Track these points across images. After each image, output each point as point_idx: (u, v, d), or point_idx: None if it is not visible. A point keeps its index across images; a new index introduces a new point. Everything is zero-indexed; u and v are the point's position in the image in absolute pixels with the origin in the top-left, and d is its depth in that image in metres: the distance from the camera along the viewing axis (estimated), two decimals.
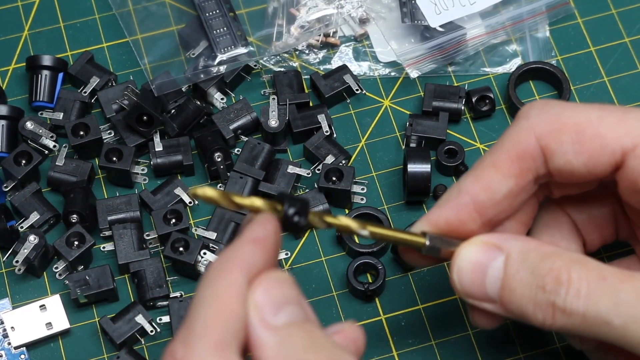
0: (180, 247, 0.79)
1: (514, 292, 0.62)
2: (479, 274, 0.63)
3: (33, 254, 0.78)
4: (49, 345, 0.79)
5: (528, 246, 0.62)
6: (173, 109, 0.85)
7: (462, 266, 0.64)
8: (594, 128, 0.63)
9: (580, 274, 0.60)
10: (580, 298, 0.60)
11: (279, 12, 0.89)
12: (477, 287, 0.63)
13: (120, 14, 0.90)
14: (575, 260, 0.61)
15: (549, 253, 0.62)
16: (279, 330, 0.55)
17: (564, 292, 0.60)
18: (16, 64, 0.89)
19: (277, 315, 0.56)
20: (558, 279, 0.60)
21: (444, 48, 0.87)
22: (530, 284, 0.61)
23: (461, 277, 0.64)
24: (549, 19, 0.89)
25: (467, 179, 0.65)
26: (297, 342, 0.55)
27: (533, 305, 0.61)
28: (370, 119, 0.86)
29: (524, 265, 0.62)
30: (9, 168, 0.81)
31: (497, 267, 0.62)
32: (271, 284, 0.57)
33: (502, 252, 0.62)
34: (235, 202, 0.58)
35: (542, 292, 0.61)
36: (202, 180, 0.84)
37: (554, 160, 0.64)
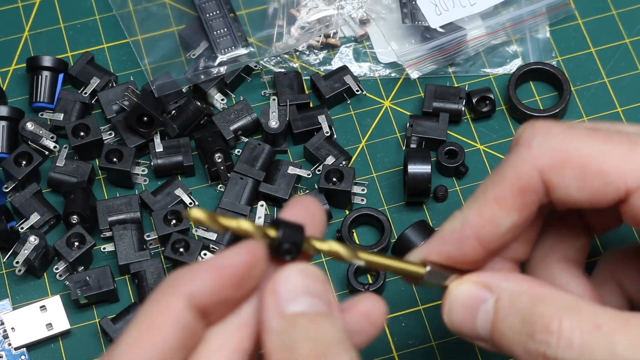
0: (180, 248, 0.79)
1: (504, 337, 0.60)
2: (470, 314, 0.61)
3: (33, 254, 0.78)
4: (49, 346, 0.79)
5: (519, 288, 0.60)
6: (173, 110, 0.85)
7: (453, 305, 0.62)
8: (598, 164, 0.61)
9: (572, 323, 0.58)
10: (574, 349, 0.57)
11: (280, 13, 0.89)
12: (468, 327, 0.62)
13: (120, 14, 0.90)
14: (567, 306, 0.58)
15: (540, 297, 0.59)
16: (287, 319, 0.55)
17: (555, 342, 0.58)
18: (16, 65, 0.89)
19: (291, 303, 0.55)
20: (548, 328, 0.58)
21: (445, 49, 0.87)
22: (520, 331, 0.59)
23: (452, 316, 0.62)
24: (550, 20, 0.89)
25: (470, 212, 0.63)
26: (299, 332, 0.54)
27: (523, 352, 0.59)
28: (370, 119, 0.86)
29: (513, 309, 0.59)
30: (9, 169, 0.81)
31: (487, 310, 0.61)
32: (294, 273, 0.56)
33: (492, 294, 0.60)
34: (221, 224, 0.55)
35: (532, 341, 0.58)
36: (203, 181, 0.84)
37: (556, 193, 0.62)
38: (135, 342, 0.55)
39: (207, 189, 0.84)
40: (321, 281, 0.56)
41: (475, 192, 0.64)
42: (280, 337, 0.54)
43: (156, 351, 0.54)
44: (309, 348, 0.54)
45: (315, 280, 0.56)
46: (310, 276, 0.56)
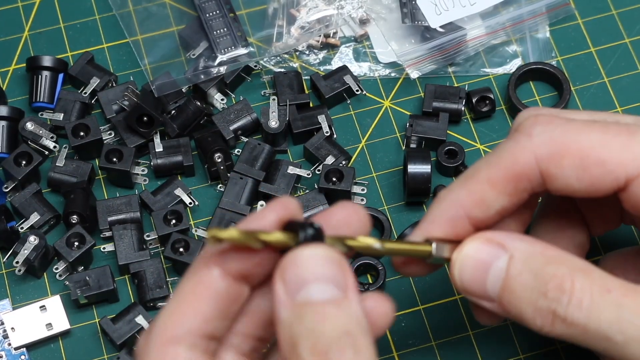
0: (180, 248, 0.79)
1: (514, 294, 0.60)
2: (481, 271, 0.61)
3: (33, 254, 0.78)
4: (49, 346, 0.79)
5: (533, 248, 0.61)
6: (173, 110, 0.85)
7: (464, 262, 0.62)
8: (597, 154, 0.61)
9: (583, 284, 0.59)
10: (582, 309, 0.58)
11: (279, 12, 0.89)
12: (478, 285, 0.62)
13: (120, 14, 0.90)
14: (579, 268, 0.59)
15: (553, 257, 0.60)
16: (295, 308, 0.54)
17: (566, 301, 0.59)
18: (16, 65, 0.89)
19: (299, 292, 0.54)
20: (561, 287, 0.59)
21: (444, 49, 0.87)
22: (532, 288, 0.60)
23: (462, 274, 0.62)
24: (549, 20, 0.89)
25: (461, 191, 0.63)
26: (303, 325, 0.53)
27: (533, 310, 0.60)
28: (370, 119, 0.86)
29: (527, 267, 0.60)
30: (9, 169, 0.81)
31: (500, 267, 0.61)
32: (307, 258, 0.55)
33: (506, 252, 0.61)
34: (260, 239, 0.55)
35: (544, 298, 0.59)
36: (203, 181, 0.84)
37: (554, 183, 0.62)
38: (174, 315, 0.55)
39: (207, 189, 0.84)
40: (334, 263, 0.55)
41: (465, 172, 0.64)
42: (287, 329, 0.54)
43: (196, 321, 0.55)
44: (311, 344, 0.53)
45: (327, 263, 0.55)
46: (321, 259, 0.55)
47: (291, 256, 0.55)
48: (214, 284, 0.56)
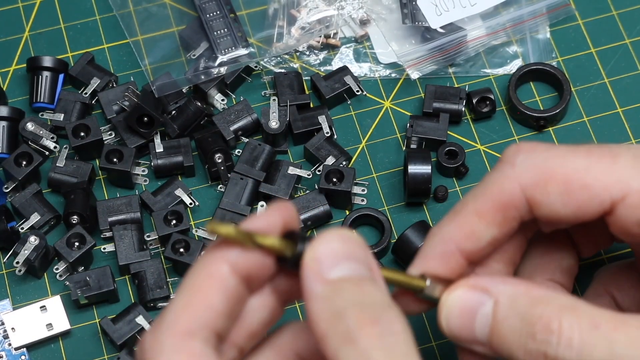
0: (180, 248, 0.79)
1: (503, 339, 0.60)
2: (468, 319, 0.61)
3: (33, 255, 0.78)
4: (49, 346, 0.79)
5: (517, 290, 0.60)
6: (173, 110, 0.85)
7: (450, 311, 0.62)
8: (581, 179, 0.61)
9: (571, 322, 0.58)
10: (573, 348, 0.58)
11: (280, 13, 0.89)
12: (466, 332, 0.61)
13: (120, 15, 0.90)
14: (566, 306, 0.59)
15: (538, 298, 0.59)
16: (331, 284, 0.54)
17: (555, 341, 0.58)
18: (17, 65, 0.89)
19: (333, 268, 0.55)
20: (548, 328, 0.58)
21: (445, 49, 0.87)
22: (520, 331, 0.59)
23: (449, 322, 0.62)
24: (550, 20, 0.89)
25: (450, 225, 0.63)
26: (346, 297, 0.54)
27: (524, 353, 0.59)
28: (370, 120, 0.86)
29: (513, 311, 0.59)
30: (9, 169, 0.81)
31: (486, 313, 0.60)
32: (334, 238, 0.55)
33: (491, 297, 0.60)
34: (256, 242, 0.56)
35: (533, 340, 0.58)
36: (203, 182, 0.84)
37: (540, 210, 0.62)
38: (187, 308, 0.55)
39: (207, 189, 0.84)
40: (361, 246, 0.56)
41: (453, 207, 0.64)
42: (326, 303, 0.54)
43: (209, 316, 0.55)
44: (359, 313, 0.53)
45: (356, 245, 0.56)
46: (351, 241, 0.56)
47: (323, 237, 0.55)
48: (224, 280, 0.56)
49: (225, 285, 0.56)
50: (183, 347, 0.54)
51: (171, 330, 0.55)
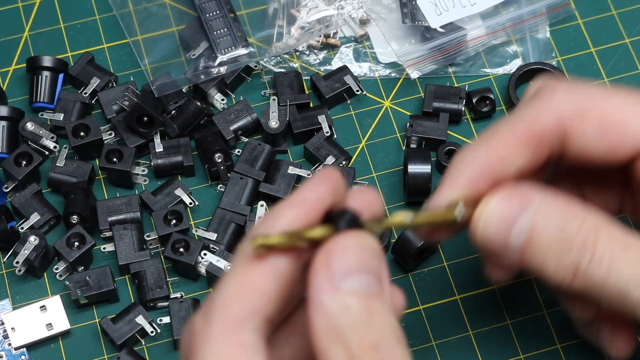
0: (180, 248, 0.79)
1: (539, 249, 0.60)
2: (506, 226, 0.61)
3: (33, 254, 0.78)
4: (49, 346, 0.79)
5: (557, 202, 0.61)
6: (173, 110, 0.85)
7: (490, 215, 0.61)
8: (618, 117, 0.62)
9: (605, 240, 0.59)
10: (603, 265, 0.59)
11: (280, 13, 0.89)
12: (501, 239, 0.61)
13: (120, 14, 0.90)
14: (602, 225, 0.60)
15: (577, 213, 0.60)
16: (340, 296, 0.52)
17: (589, 256, 0.59)
18: (17, 65, 0.89)
19: (344, 280, 0.52)
20: (585, 242, 0.59)
21: (445, 49, 0.87)
22: (558, 243, 0.60)
23: (487, 227, 0.61)
24: (550, 20, 0.89)
25: (480, 150, 0.63)
26: (352, 317, 0.52)
27: (556, 264, 0.60)
28: (370, 119, 0.86)
29: (552, 222, 0.60)
30: (9, 169, 0.81)
31: (525, 221, 0.60)
32: (351, 246, 0.54)
33: (531, 206, 0.60)
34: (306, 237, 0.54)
35: (568, 253, 0.59)
36: (203, 181, 0.84)
37: (573, 144, 0.62)
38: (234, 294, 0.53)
39: (207, 189, 0.84)
40: (376, 254, 0.54)
41: (484, 133, 0.63)
42: (330, 318, 0.52)
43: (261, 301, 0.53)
44: (361, 337, 0.52)
45: (371, 254, 0.54)
46: (367, 249, 0.54)
47: (337, 244, 0.54)
48: (275, 261, 0.54)
49: (276, 266, 0.54)
50: (231, 337, 0.52)
51: (221, 316, 0.53)
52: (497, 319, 0.79)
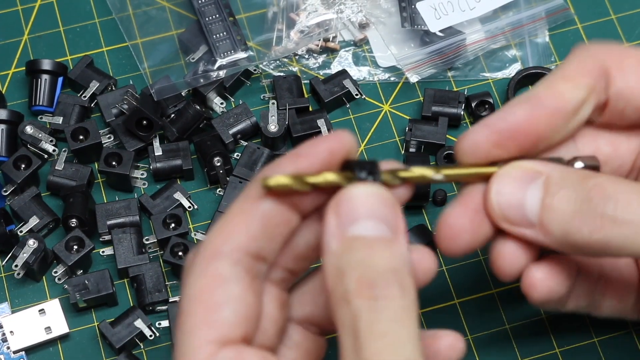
0: (179, 252, 0.79)
1: (556, 211, 0.60)
2: (518, 195, 0.61)
3: (32, 258, 0.78)
4: (48, 349, 0.79)
5: (568, 169, 0.61)
6: (172, 114, 0.85)
7: (502, 185, 0.61)
8: None
9: (626, 189, 0.59)
10: (632, 207, 0.58)
11: (279, 16, 0.89)
12: (516, 210, 0.61)
13: (120, 18, 0.90)
14: (619, 179, 0.60)
15: (589, 174, 0.60)
16: (346, 240, 0.55)
17: (613, 202, 0.58)
18: (16, 68, 0.89)
19: (351, 226, 0.55)
20: (604, 193, 0.58)
21: (444, 53, 0.87)
22: (575, 199, 0.59)
23: (500, 200, 0.61)
24: (549, 24, 0.89)
25: (539, 87, 0.63)
26: (353, 257, 0.54)
27: (579, 220, 0.59)
28: (369, 123, 0.87)
29: (565, 183, 0.60)
30: (8, 172, 0.81)
31: (537, 187, 0.60)
32: (359, 195, 0.56)
33: (542, 175, 0.61)
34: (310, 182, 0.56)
35: (589, 204, 0.59)
36: (202, 185, 0.84)
37: (616, 83, 0.64)
38: (221, 232, 0.57)
39: (206, 193, 0.84)
40: (388, 204, 0.56)
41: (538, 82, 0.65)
42: (335, 259, 0.54)
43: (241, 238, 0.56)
44: (358, 274, 0.53)
45: (381, 203, 0.56)
46: (376, 198, 0.56)
47: (347, 191, 0.56)
48: (262, 205, 0.57)
49: (262, 208, 0.57)
50: (209, 267, 0.56)
51: (204, 252, 0.56)
52: (495, 323, 0.79)
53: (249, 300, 0.56)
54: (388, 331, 0.52)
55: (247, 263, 0.56)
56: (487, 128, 0.62)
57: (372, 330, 0.53)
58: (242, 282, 0.56)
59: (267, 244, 0.57)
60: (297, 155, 0.57)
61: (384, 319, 0.53)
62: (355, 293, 0.53)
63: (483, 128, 0.62)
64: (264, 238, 0.57)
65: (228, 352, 0.55)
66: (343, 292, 0.54)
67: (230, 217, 0.57)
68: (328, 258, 0.55)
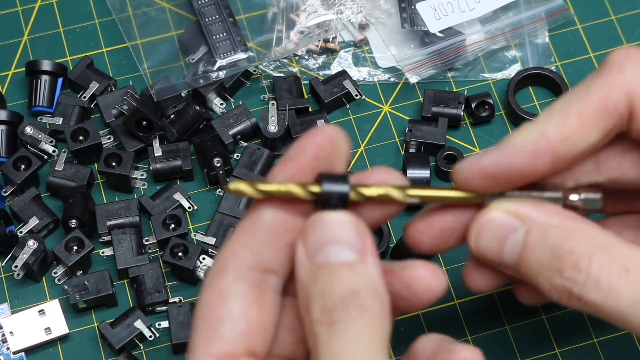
0: (179, 252, 0.79)
1: (531, 269, 0.59)
2: (498, 241, 0.60)
3: (32, 259, 0.78)
4: (47, 350, 0.79)
5: (551, 221, 0.59)
6: (172, 114, 0.85)
7: (482, 231, 0.61)
8: None
9: (602, 263, 0.57)
10: (599, 290, 0.57)
11: (279, 17, 0.89)
12: (494, 254, 0.61)
13: (119, 19, 0.90)
14: (598, 245, 0.58)
15: (571, 232, 0.58)
16: (312, 269, 0.55)
17: (582, 280, 0.57)
18: (16, 69, 0.89)
19: (317, 254, 0.55)
20: (577, 265, 0.57)
21: (444, 54, 0.87)
22: (549, 265, 0.58)
23: (479, 242, 0.61)
24: (549, 25, 0.89)
25: (549, 125, 0.60)
26: (317, 285, 0.55)
27: (549, 285, 0.58)
28: (369, 124, 0.87)
29: (543, 243, 0.59)
30: (8, 173, 0.81)
31: (516, 240, 0.59)
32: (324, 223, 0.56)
33: (524, 225, 0.59)
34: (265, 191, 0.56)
35: (560, 276, 0.58)
36: (202, 186, 0.84)
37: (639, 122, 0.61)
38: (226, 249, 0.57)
39: (206, 194, 0.84)
40: (353, 228, 0.56)
41: (554, 105, 0.61)
42: (304, 289, 0.55)
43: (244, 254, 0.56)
44: (321, 303, 0.54)
45: (344, 227, 0.56)
46: (339, 223, 0.56)
47: (312, 220, 0.56)
48: (260, 216, 0.57)
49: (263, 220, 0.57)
50: (215, 285, 0.56)
51: (212, 271, 0.57)
52: (495, 324, 0.79)
53: (252, 314, 0.56)
54: (343, 351, 0.53)
55: (253, 277, 0.57)
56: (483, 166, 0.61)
57: (327, 352, 0.53)
58: (246, 297, 0.56)
59: (274, 255, 0.57)
60: (286, 160, 0.57)
61: (340, 340, 0.53)
62: (316, 322, 0.54)
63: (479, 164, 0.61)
64: (270, 249, 0.57)
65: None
66: (309, 321, 0.55)
67: (235, 233, 0.58)
68: (298, 288, 0.56)
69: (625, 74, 0.61)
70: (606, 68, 0.62)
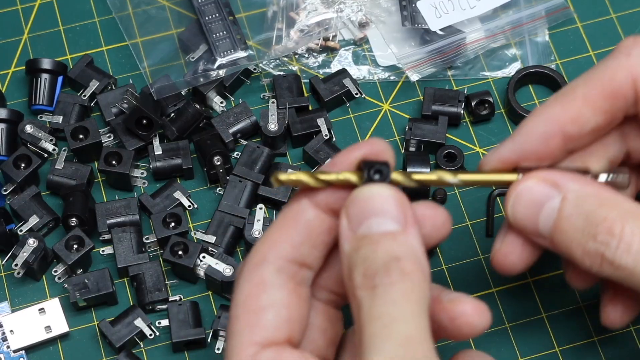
0: (179, 251, 0.79)
1: (565, 235, 0.61)
2: (534, 210, 0.62)
3: (32, 257, 0.78)
4: (48, 348, 0.79)
5: (586, 190, 0.62)
6: (172, 113, 0.85)
7: (518, 200, 0.63)
8: None
9: (633, 229, 0.59)
10: (631, 254, 0.59)
11: (279, 16, 0.89)
12: (531, 222, 0.63)
13: (119, 17, 0.90)
14: (631, 212, 0.60)
15: (606, 200, 0.61)
16: (355, 240, 0.57)
17: (615, 245, 0.59)
18: (16, 67, 0.89)
19: (360, 226, 0.57)
20: (610, 231, 0.60)
21: (444, 52, 0.87)
22: (582, 230, 0.60)
23: (515, 211, 0.63)
24: (549, 23, 0.89)
25: (556, 107, 0.64)
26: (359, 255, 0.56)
27: (582, 251, 0.61)
28: (369, 122, 0.87)
29: (578, 209, 0.61)
30: (8, 171, 0.81)
31: (552, 207, 0.62)
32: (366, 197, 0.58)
33: (560, 192, 0.62)
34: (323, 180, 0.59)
35: (593, 240, 0.60)
36: (202, 184, 0.84)
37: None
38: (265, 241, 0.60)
39: (206, 192, 0.84)
40: (394, 200, 0.58)
41: (562, 89, 0.65)
42: (347, 259, 0.57)
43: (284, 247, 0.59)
44: (363, 269, 0.56)
45: (387, 200, 0.58)
46: (382, 196, 0.58)
47: (355, 194, 0.58)
48: (302, 213, 0.59)
49: (303, 217, 0.59)
50: (255, 274, 0.59)
51: (250, 261, 0.59)
52: (495, 322, 0.79)
53: (292, 304, 0.59)
54: (383, 313, 0.54)
55: (290, 270, 0.59)
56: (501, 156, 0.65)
57: (369, 315, 0.55)
58: (285, 288, 0.59)
59: (311, 252, 0.60)
60: (332, 164, 0.60)
61: (380, 303, 0.55)
62: (359, 287, 0.56)
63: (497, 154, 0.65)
64: (307, 246, 0.59)
65: (269, 353, 0.57)
66: (352, 288, 0.56)
67: (275, 226, 0.60)
68: (342, 259, 0.58)
69: (631, 58, 0.64)
70: (614, 54, 0.65)
